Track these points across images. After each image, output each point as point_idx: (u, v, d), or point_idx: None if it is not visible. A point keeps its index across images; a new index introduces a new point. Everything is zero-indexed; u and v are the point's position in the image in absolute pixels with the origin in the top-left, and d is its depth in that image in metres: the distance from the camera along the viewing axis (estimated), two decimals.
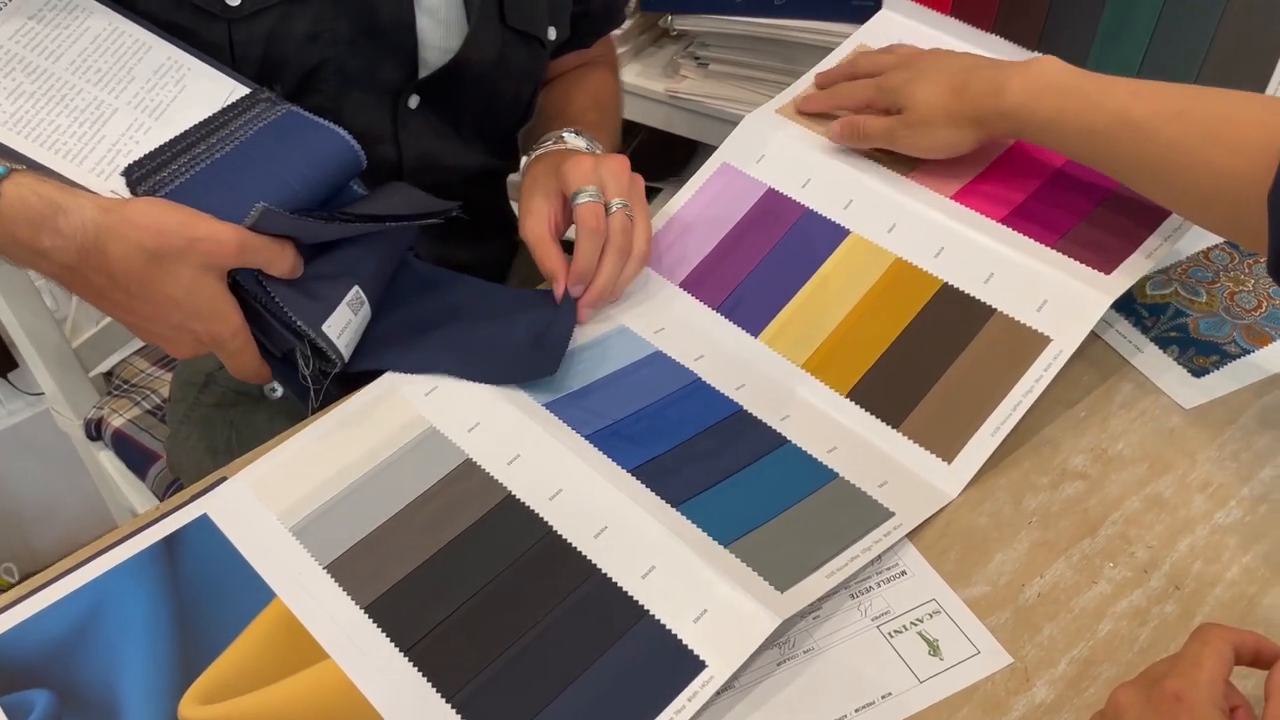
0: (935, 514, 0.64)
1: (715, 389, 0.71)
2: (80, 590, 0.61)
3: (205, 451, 0.89)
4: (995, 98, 0.69)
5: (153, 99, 0.68)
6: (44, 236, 0.60)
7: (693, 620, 0.56)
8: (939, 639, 0.58)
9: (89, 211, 0.60)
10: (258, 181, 0.64)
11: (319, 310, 0.65)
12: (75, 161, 0.65)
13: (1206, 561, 0.61)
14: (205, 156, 0.65)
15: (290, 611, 0.59)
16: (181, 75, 0.69)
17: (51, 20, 0.68)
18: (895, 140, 0.75)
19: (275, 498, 0.64)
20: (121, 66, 0.68)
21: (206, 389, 0.89)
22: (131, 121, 0.67)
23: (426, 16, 0.78)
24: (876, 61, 0.79)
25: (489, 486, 0.63)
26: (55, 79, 0.67)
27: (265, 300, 0.64)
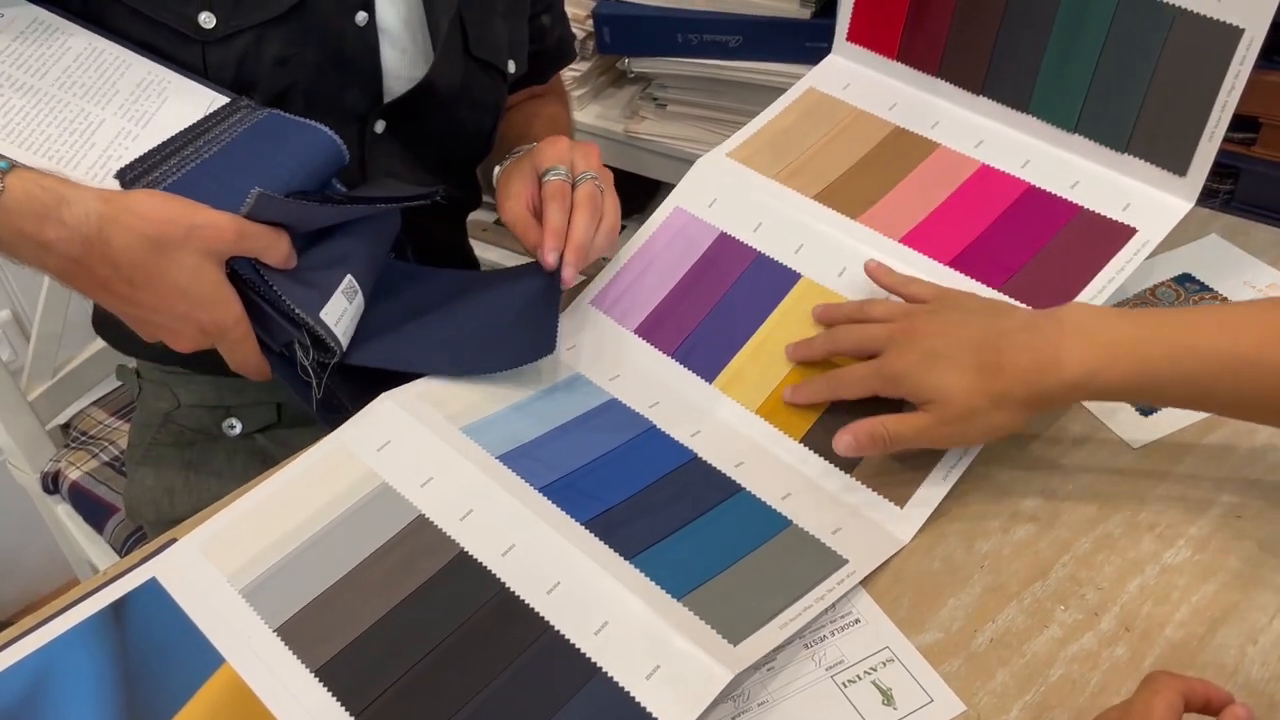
0: (888, 560, 0.64)
1: (670, 436, 0.71)
2: (25, 660, 0.60)
3: (163, 492, 0.89)
4: (1051, 374, 0.61)
5: (138, 109, 0.70)
6: (49, 228, 0.61)
7: (645, 677, 0.56)
8: (892, 688, 0.58)
9: (91, 202, 0.61)
10: (247, 176, 0.66)
11: (315, 298, 0.67)
12: (68, 167, 0.67)
13: (1156, 602, 0.61)
14: (194, 157, 0.68)
15: (239, 677, 0.58)
16: (163, 88, 0.71)
17: (34, 40, 0.70)
18: (937, 440, 0.65)
19: (225, 559, 0.64)
20: (105, 81, 0.70)
21: (164, 429, 0.89)
22: (119, 130, 0.69)
23: (389, 45, 0.80)
24: (862, 330, 0.69)
25: (441, 543, 0.63)
26: (43, 94, 0.69)
27: (263, 289, 0.66)
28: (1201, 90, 0.72)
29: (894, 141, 0.84)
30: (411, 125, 0.83)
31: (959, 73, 0.83)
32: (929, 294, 0.69)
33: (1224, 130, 0.72)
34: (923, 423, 0.64)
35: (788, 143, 0.85)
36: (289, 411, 0.86)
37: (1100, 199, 0.76)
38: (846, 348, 0.70)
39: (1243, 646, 0.59)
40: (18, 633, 0.61)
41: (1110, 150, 0.77)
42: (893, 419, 0.65)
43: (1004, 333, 0.63)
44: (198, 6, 0.70)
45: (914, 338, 0.65)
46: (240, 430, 0.86)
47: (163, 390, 0.87)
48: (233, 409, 0.86)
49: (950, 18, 0.82)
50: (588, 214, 0.74)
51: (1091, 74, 0.76)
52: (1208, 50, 0.71)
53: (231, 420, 0.85)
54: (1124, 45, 0.74)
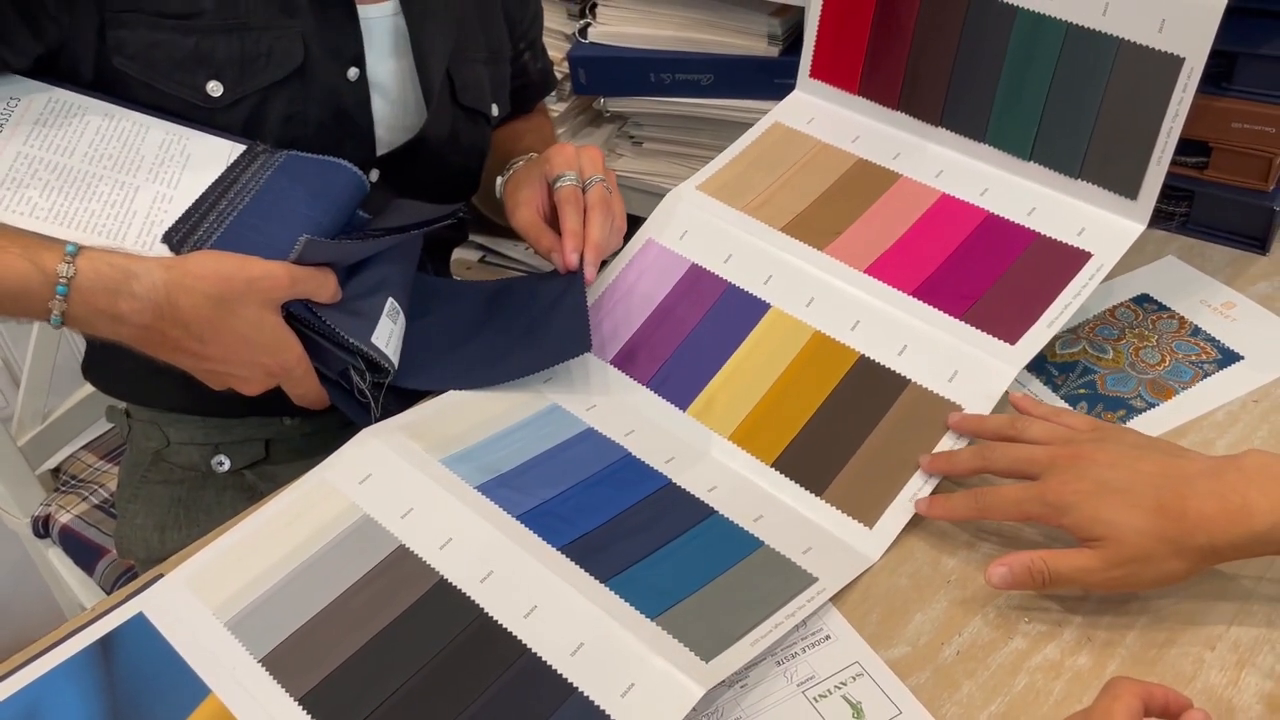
0: (858, 577, 0.66)
1: (645, 463, 0.73)
2: (14, 696, 0.61)
3: (154, 529, 0.90)
4: (1240, 524, 0.57)
5: (165, 172, 0.74)
6: (121, 301, 0.66)
7: (620, 695, 0.57)
8: (862, 701, 0.59)
9: (157, 272, 0.66)
10: (283, 221, 0.71)
11: (365, 326, 0.73)
12: (119, 240, 0.71)
13: (1117, 612, 0.63)
14: (229, 211, 0.72)
15: (225, 707, 0.59)
16: (184, 145, 0.75)
17: (54, 123, 0.73)
18: (1103, 584, 0.60)
19: (211, 592, 0.65)
20: (129, 149, 0.74)
21: (154, 467, 0.90)
22: (155, 195, 0.72)
23: (380, 98, 0.83)
24: (1020, 450, 0.65)
25: (422, 572, 0.65)
26: (76, 172, 0.72)
27: (318, 325, 0.71)
28: (1148, 117, 0.75)
29: (857, 173, 0.86)
30: (404, 173, 0.86)
31: (918, 105, 0.86)
32: (1084, 424, 0.65)
33: (1171, 154, 0.75)
34: (1089, 563, 0.59)
35: (755, 175, 0.87)
36: (276, 448, 0.88)
37: (1056, 224, 0.79)
38: (1000, 468, 0.65)
39: (1201, 654, 0.60)
40: (7, 669, 0.62)
41: (1064, 176, 0.80)
42: (1053, 555, 0.60)
43: (1186, 477, 0.58)
44: (205, 76, 0.74)
45: (1081, 466, 0.61)
46: (229, 467, 0.88)
47: (152, 429, 0.89)
48: (221, 446, 0.88)
49: (908, 53, 0.86)
50: (601, 215, 0.79)
51: (1043, 104, 0.79)
52: (1151, 79, 0.74)
53: (220, 457, 0.87)
54: (1072, 75, 0.77)
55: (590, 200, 0.80)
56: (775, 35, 1.16)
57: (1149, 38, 0.74)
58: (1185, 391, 0.76)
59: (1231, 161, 0.88)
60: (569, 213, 0.79)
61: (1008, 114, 0.81)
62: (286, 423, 0.88)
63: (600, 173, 0.82)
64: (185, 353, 0.69)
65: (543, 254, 0.81)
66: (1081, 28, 0.76)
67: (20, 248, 0.66)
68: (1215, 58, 0.81)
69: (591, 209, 0.80)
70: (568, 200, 0.80)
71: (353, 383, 0.74)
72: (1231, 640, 0.61)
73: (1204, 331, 0.81)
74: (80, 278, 0.65)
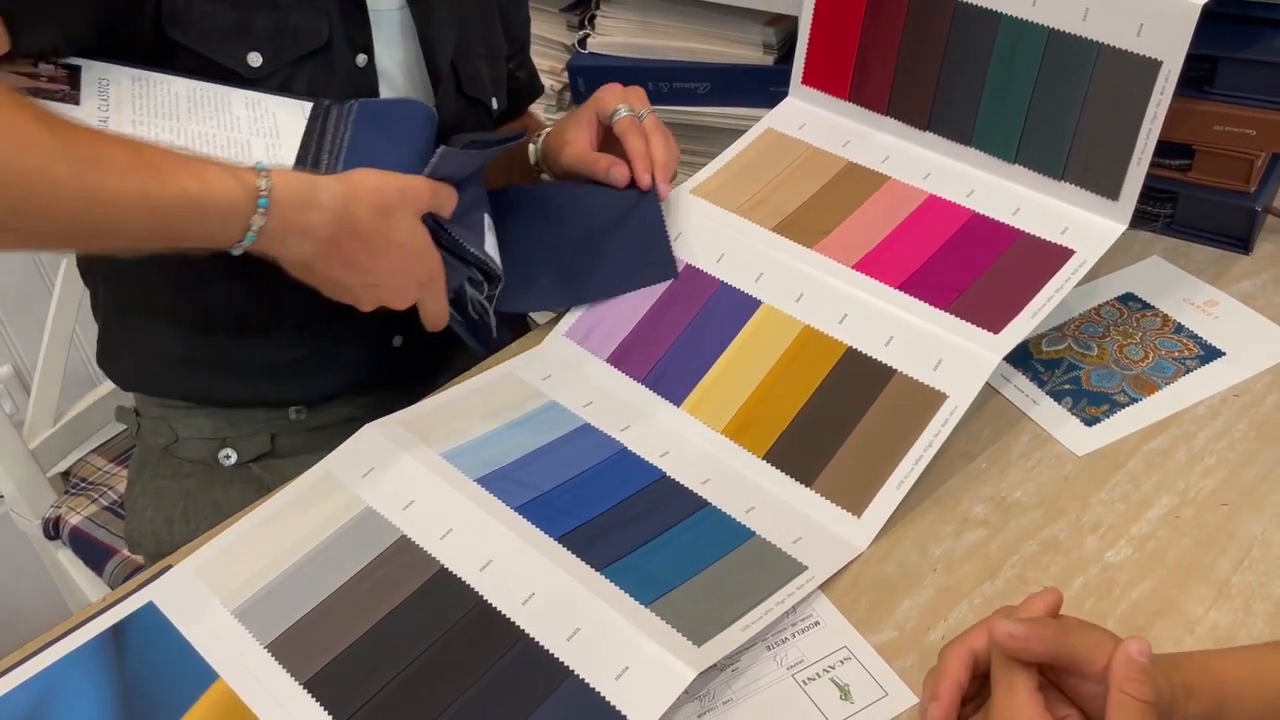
0: (846, 565, 0.67)
1: (640, 457, 0.74)
2: (28, 682, 0.63)
3: (162, 523, 0.92)
4: None
5: (263, 125, 0.77)
6: (311, 213, 0.68)
7: (614, 677, 0.59)
8: (850, 684, 0.61)
9: (333, 184, 0.70)
10: (389, 156, 0.76)
11: (477, 237, 0.80)
12: None
13: (1099, 598, 0.65)
14: (336, 154, 0.76)
15: (233, 691, 0.61)
16: (265, 105, 0.78)
17: (148, 96, 0.75)
18: None
19: (219, 582, 0.67)
20: (222, 111, 0.77)
21: (162, 462, 0.92)
22: (264, 145, 0.76)
23: (386, 87, 0.85)
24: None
25: (423, 561, 0.67)
26: (190, 133, 0.75)
27: (444, 239, 0.77)
28: (1128, 119, 0.77)
29: (847, 175, 0.88)
30: None
31: (906, 111, 0.88)
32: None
33: (1150, 155, 0.77)
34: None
35: (748, 179, 0.90)
36: (281, 441, 0.90)
37: (1040, 224, 0.81)
38: None
39: (1180, 638, 0.62)
40: (21, 657, 0.64)
41: (1048, 178, 0.82)
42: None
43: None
44: (248, 48, 0.77)
45: None
46: (236, 460, 0.90)
47: (161, 425, 0.91)
48: (228, 440, 0.90)
49: (896, 60, 0.88)
50: (662, 138, 0.88)
51: (1027, 108, 0.81)
52: (1131, 82, 0.76)
53: (228, 450, 0.89)
54: (1054, 80, 0.80)
55: (649, 127, 0.88)
56: (770, 44, 1.19)
57: (1128, 42, 0.76)
58: (1168, 387, 0.78)
59: (1214, 163, 0.90)
60: (633, 140, 0.87)
61: (993, 118, 0.84)
62: (292, 416, 0.90)
63: (647, 108, 0.89)
64: (354, 267, 0.72)
65: (601, 175, 0.87)
66: (1062, 33, 0.78)
67: (219, 166, 0.67)
68: (1197, 62, 0.84)
69: (652, 134, 0.87)
70: (629, 129, 0.87)
71: (466, 301, 0.80)
72: (1210, 624, 0.62)
73: (1187, 329, 0.83)
74: (277, 190, 0.67)
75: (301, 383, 0.89)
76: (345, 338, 0.88)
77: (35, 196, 0.60)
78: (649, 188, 0.86)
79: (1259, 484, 0.70)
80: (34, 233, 0.62)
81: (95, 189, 0.61)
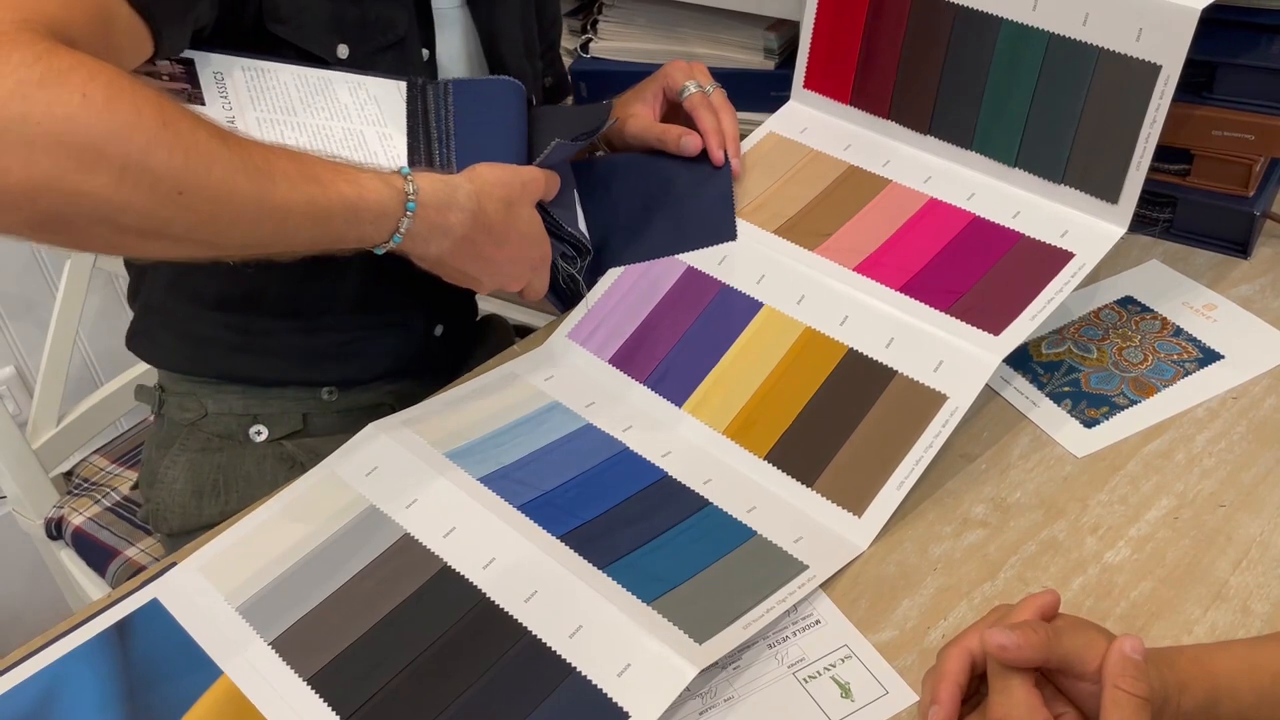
0: (847, 565, 0.68)
1: (642, 457, 0.75)
2: (32, 678, 0.63)
3: (191, 494, 0.92)
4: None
5: (368, 113, 0.79)
6: (452, 214, 0.72)
7: (616, 674, 0.59)
8: (850, 682, 0.61)
9: (466, 184, 0.73)
10: (494, 139, 0.81)
11: (572, 216, 0.85)
12: None
13: (1098, 599, 0.65)
14: (444, 140, 0.80)
15: (236, 687, 0.62)
16: (365, 88, 0.80)
17: (262, 88, 0.77)
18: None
19: (223, 578, 0.68)
20: (330, 100, 0.79)
21: (191, 436, 0.93)
22: (377, 134, 0.79)
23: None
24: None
25: (426, 559, 0.67)
26: (310, 126, 0.77)
27: (546, 221, 0.81)
28: (1127, 123, 0.77)
29: (848, 179, 0.89)
30: None
31: (907, 115, 0.89)
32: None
33: (1150, 159, 0.78)
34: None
35: (750, 182, 0.90)
36: (313, 421, 0.91)
37: (1040, 227, 0.81)
38: None
39: (1178, 638, 0.62)
40: (26, 652, 0.65)
41: (1048, 182, 0.83)
42: None
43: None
44: (338, 39, 0.80)
45: None
46: (267, 436, 0.90)
47: (190, 400, 0.91)
48: (259, 417, 0.90)
49: (897, 64, 0.88)
50: (730, 114, 0.92)
51: (1027, 112, 0.82)
52: (1130, 86, 0.77)
53: (259, 426, 0.90)
54: (1055, 84, 0.80)
55: (717, 103, 0.91)
56: (771, 49, 1.19)
57: (1127, 46, 0.76)
58: (1167, 389, 0.78)
59: (1213, 168, 0.91)
60: (704, 116, 0.90)
61: (993, 122, 0.84)
62: (324, 396, 0.90)
63: (713, 84, 0.92)
64: (482, 259, 0.75)
65: (673, 146, 0.90)
66: (1063, 38, 0.79)
67: (371, 172, 0.69)
68: (1196, 68, 0.84)
69: (721, 110, 0.91)
70: (700, 105, 0.91)
71: (558, 273, 0.84)
72: (1208, 624, 0.63)
73: (1185, 332, 0.83)
74: (423, 193, 0.70)
75: (340, 366, 0.90)
76: (391, 324, 0.90)
77: (220, 210, 0.62)
78: (722, 163, 0.89)
79: (1257, 486, 0.71)
80: (213, 244, 0.64)
81: (271, 200, 0.64)
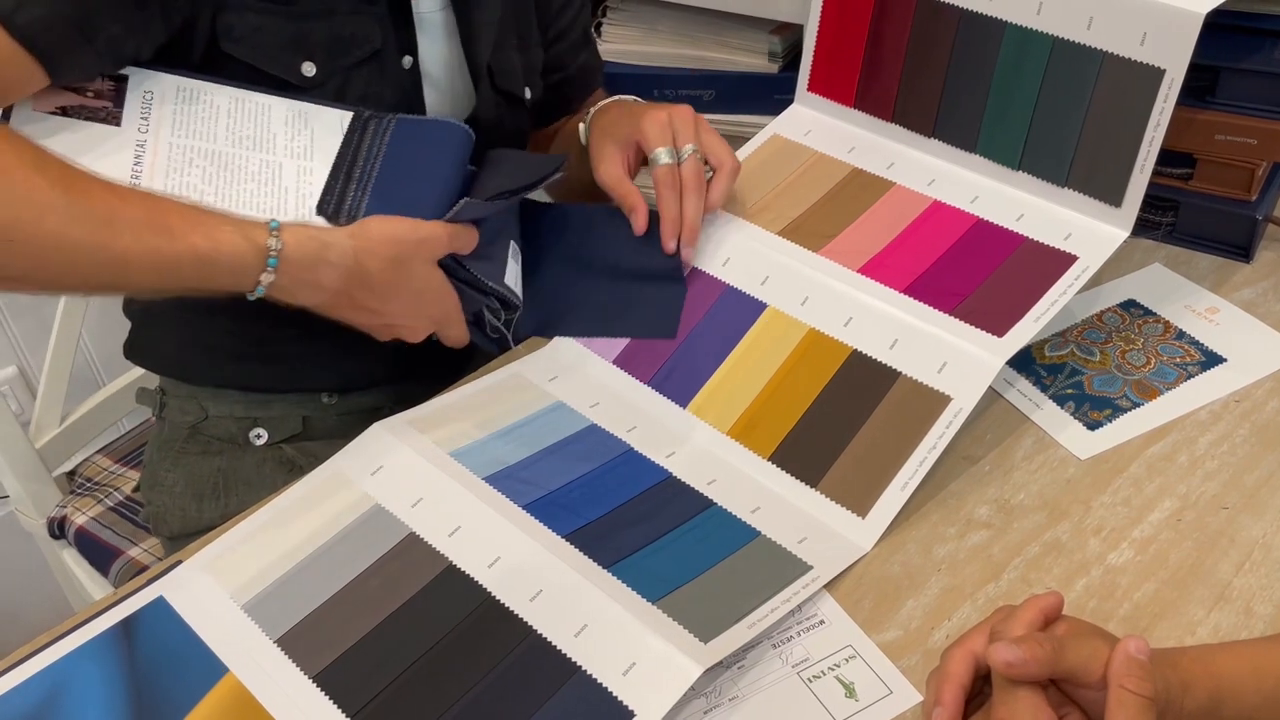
0: (851, 565, 0.68)
1: (646, 457, 0.75)
2: (39, 675, 0.63)
3: (191, 499, 0.92)
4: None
5: (298, 145, 0.78)
6: (322, 271, 0.72)
7: (622, 673, 0.60)
8: (854, 682, 0.62)
9: (346, 241, 0.73)
10: (417, 183, 0.78)
11: (497, 269, 0.81)
12: (279, 216, 0.75)
13: (1101, 600, 0.65)
14: (366, 178, 0.78)
15: (242, 685, 0.62)
16: (305, 119, 0.79)
17: (189, 111, 0.77)
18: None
19: (228, 577, 0.68)
20: (261, 128, 0.78)
21: (192, 440, 0.93)
22: (296, 169, 0.78)
23: (430, 87, 0.87)
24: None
25: (431, 558, 0.67)
26: (224, 156, 0.77)
27: (462, 274, 0.79)
28: (1131, 127, 0.78)
29: (852, 181, 0.89)
30: None
31: (911, 118, 0.89)
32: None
33: (1153, 163, 0.78)
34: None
35: (754, 184, 0.90)
36: (313, 424, 0.91)
37: (1043, 230, 0.82)
38: None
39: (1181, 639, 0.63)
40: (32, 649, 0.65)
41: (1051, 185, 0.83)
42: None
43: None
44: (302, 58, 0.79)
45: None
46: (266, 440, 0.90)
47: (190, 404, 0.91)
48: (260, 420, 0.90)
49: (901, 67, 0.89)
50: (696, 196, 0.83)
51: (1031, 115, 0.82)
52: (1134, 90, 0.77)
53: (259, 430, 0.90)
54: (1059, 88, 0.80)
55: (685, 180, 0.83)
56: (775, 52, 1.20)
57: (1131, 50, 0.77)
58: (1169, 392, 0.79)
59: (1215, 172, 0.91)
60: (666, 197, 0.84)
61: (997, 125, 0.84)
62: (324, 401, 0.91)
63: (692, 139, 0.84)
64: (366, 311, 0.75)
65: (625, 210, 0.85)
66: (1067, 41, 0.79)
67: (232, 225, 0.70)
68: (1199, 72, 0.85)
69: (687, 192, 0.83)
70: (665, 184, 0.84)
71: (485, 322, 0.83)
72: (1211, 625, 0.63)
73: (1188, 335, 0.84)
74: (287, 249, 0.70)
75: (339, 370, 0.90)
76: None
77: (51, 256, 0.64)
78: (672, 252, 0.84)
79: (1259, 488, 0.71)
80: (52, 286, 0.67)
81: (110, 250, 0.65)
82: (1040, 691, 0.52)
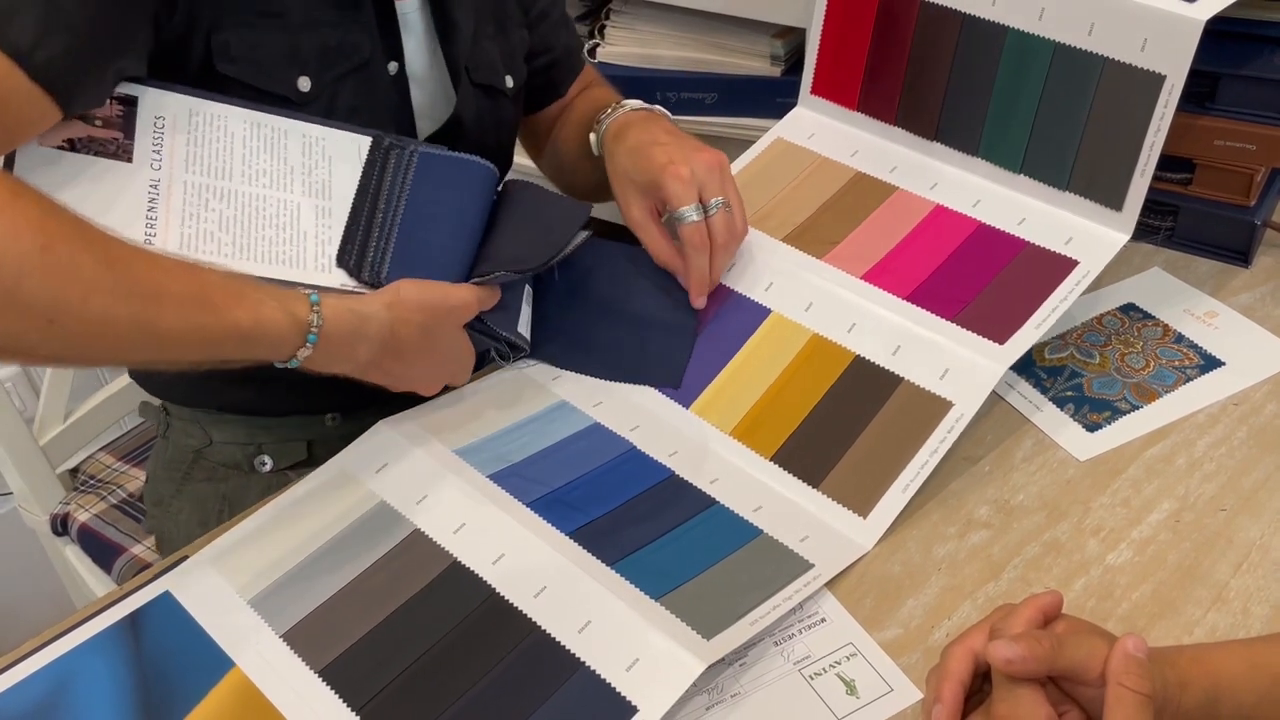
0: (852, 564, 0.69)
1: (650, 456, 0.76)
2: (45, 669, 0.64)
3: (197, 525, 0.92)
4: None
5: (316, 180, 0.76)
6: (360, 346, 0.71)
7: (625, 669, 0.60)
8: (855, 679, 0.62)
9: (382, 313, 0.71)
10: (443, 230, 0.78)
11: (512, 318, 0.81)
12: (299, 268, 0.74)
13: (1099, 600, 0.66)
14: (389, 224, 0.77)
15: (248, 679, 0.62)
16: (322, 146, 0.77)
17: (203, 141, 0.73)
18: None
19: (235, 572, 0.68)
20: (277, 160, 0.75)
21: (196, 465, 0.93)
22: (314, 209, 0.76)
23: (416, 89, 0.86)
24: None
25: (436, 554, 0.68)
26: (241, 197, 0.73)
27: (479, 326, 0.79)
28: (1131, 132, 0.78)
29: (855, 185, 0.90)
30: None
31: (914, 121, 0.90)
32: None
33: (1154, 167, 0.79)
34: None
35: (757, 189, 0.91)
36: (318, 448, 0.91)
37: (1045, 234, 0.82)
38: None
39: (1179, 639, 0.63)
40: (38, 644, 0.65)
41: (1053, 189, 0.84)
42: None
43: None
44: (297, 73, 0.77)
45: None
46: (271, 466, 0.91)
47: (194, 428, 0.91)
48: (264, 446, 0.90)
49: (904, 71, 0.90)
50: (724, 255, 0.82)
51: (1033, 120, 0.83)
52: (1135, 95, 0.78)
53: (264, 457, 0.90)
54: (1060, 93, 0.81)
55: (715, 239, 0.81)
56: (778, 56, 1.20)
57: (1132, 56, 0.77)
58: (1168, 395, 0.79)
59: (1215, 178, 0.92)
60: (694, 258, 0.81)
61: (999, 129, 0.85)
62: (328, 423, 0.91)
63: (719, 191, 0.81)
64: (390, 375, 0.74)
65: (652, 255, 0.84)
66: (1068, 47, 0.80)
67: (274, 299, 0.67)
68: (1198, 78, 0.85)
69: (718, 251, 0.81)
70: (694, 243, 0.80)
71: (490, 359, 0.83)
72: (1208, 625, 0.64)
73: (1187, 339, 0.84)
74: (327, 326, 0.68)
75: (341, 391, 0.89)
76: None
77: (95, 338, 0.61)
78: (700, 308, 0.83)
79: (1257, 490, 0.72)
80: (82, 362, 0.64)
81: (155, 328, 0.62)
82: (1039, 689, 0.52)
